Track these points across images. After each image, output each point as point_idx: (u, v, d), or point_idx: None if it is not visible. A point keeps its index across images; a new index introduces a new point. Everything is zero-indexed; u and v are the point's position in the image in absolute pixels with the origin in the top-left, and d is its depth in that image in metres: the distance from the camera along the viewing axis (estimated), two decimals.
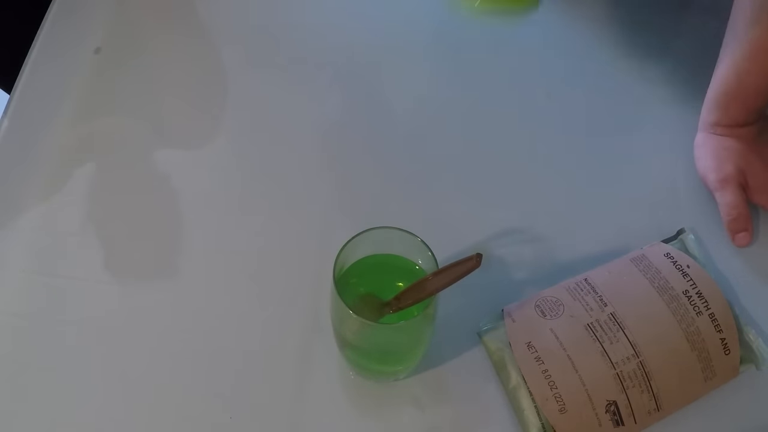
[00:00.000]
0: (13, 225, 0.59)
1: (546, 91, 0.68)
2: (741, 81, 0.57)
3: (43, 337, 0.53)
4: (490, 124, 0.65)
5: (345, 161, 0.63)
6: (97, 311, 0.54)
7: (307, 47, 0.70)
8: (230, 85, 0.68)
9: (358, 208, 0.60)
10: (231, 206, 0.60)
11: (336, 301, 0.43)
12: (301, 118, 0.65)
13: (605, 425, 0.46)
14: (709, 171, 0.59)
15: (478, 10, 0.71)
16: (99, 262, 0.56)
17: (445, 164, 0.63)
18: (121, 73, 0.68)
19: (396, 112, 0.66)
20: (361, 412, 0.50)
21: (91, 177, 0.62)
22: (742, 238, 0.57)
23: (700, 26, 0.72)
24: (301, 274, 0.56)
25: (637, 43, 0.71)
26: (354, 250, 0.45)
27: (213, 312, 0.54)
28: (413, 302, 0.44)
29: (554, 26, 0.73)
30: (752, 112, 0.59)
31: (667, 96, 0.67)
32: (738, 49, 0.57)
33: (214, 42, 0.72)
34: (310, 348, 0.52)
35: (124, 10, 0.73)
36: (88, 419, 0.49)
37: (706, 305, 0.49)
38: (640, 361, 0.47)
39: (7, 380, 0.51)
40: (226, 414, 0.49)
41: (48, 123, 0.64)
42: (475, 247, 0.57)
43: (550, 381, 0.46)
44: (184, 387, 0.51)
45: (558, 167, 0.63)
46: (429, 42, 0.72)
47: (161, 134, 0.65)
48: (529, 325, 0.49)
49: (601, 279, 0.51)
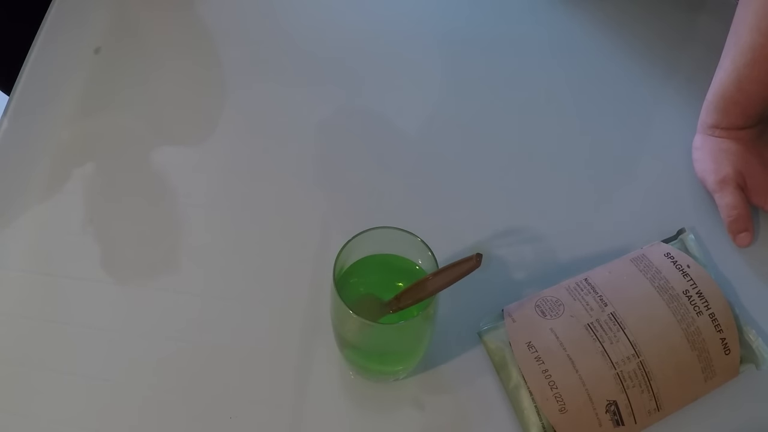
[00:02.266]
0: (13, 225, 0.59)
1: (546, 92, 0.68)
2: (741, 87, 0.57)
3: (43, 337, 0.53)
4: (490, 124, 0.65)
5: (345, 161, 0.63)
6: (97, 311, 0.54)
7: (308, 47, 0.70)
8: (230, 85, 0.68)
9: (359, 208, 0.60)
10: (231, 206, 0.60)
11: (336, 301, 0.43)
12: (301, 117, 0.65)
13: (605, 425, 0.46)
14: (708, 173, 0.59)
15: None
16: (99, 262, 0.56)
17: (445, 164, 0.63)
18: (121, 73, 0.68)
19: (396, 113, 0.66)
20: (361, 412, 0.50)
21: (91, 177, 0.62)
22: (743, 238, 0.57)
23: (701, 29, 0.72)
24: (301, 274, 0.56)
25: (637, 43, 0.71)
26: (354, 250, 0.45)
27: (213, 312, 0.54)
28: (413, 302, 0.44)
29: (554, 26, 0.73)
30: (751, 117, 0.59)
31: (668, 96, 0.67)
32: (739, 55, 0.57)
33: (214, 42, 0.72)
34: (310, 348, 0.52)
35: (124, 10, 0.73)
36: (88, 419, 0.49)
37: (706, 305, 0.49)
38: (640, 361, 0.47)
39: (8, 380, 0.51)
40: (226, 414, 0.49)
41: (48, 123, 0.64)
42: (475, 247, 0.57)
43: (550, 381, 0.46)
44: (184, 387, 0.51)
45: (558, 167, 0.62)
46: (429, 42, 0.71)
47: (161, 134, 0.65)
48: (529, 325, 0.49)
49: (601, 279, 0.51)
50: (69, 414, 0.50)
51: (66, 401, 0.50)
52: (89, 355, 0.52)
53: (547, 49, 0.71)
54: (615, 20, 0.73)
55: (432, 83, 0.69)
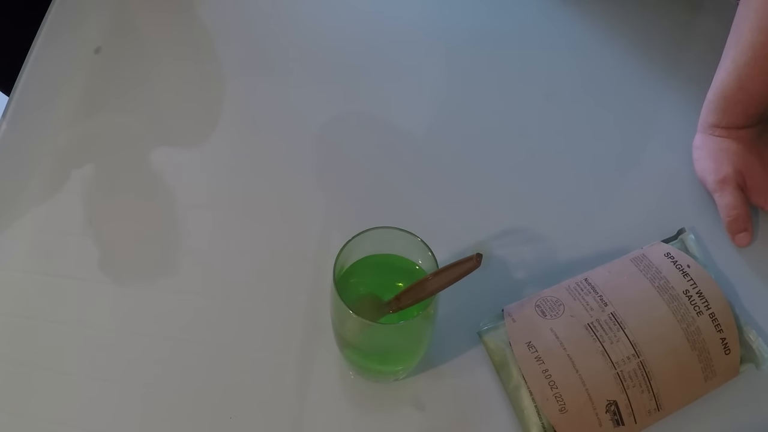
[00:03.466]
0: (13, 225, 0.59)
1: (546, 92, 0.68)
2: (742, 86, 0.57)
3: (43, 337, 0.53)
4: (489, 124, 0.65)
5: (345, 161, 0.63)
6: (97, 311, 0.54)
7: (308, 46, 0.70)
8: (231, 85, 0.68)
9: (359, 208, 0.60)
10: (231, 206, 0.60)
11: (336, 301, 0.43)
12: (302, 117, 0.65)
13: (605, 425, 0.46)
14: (708, 172, 0.59)
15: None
16: (99, 262, 0.56)
17: (444, 164, 0.63)
18: (121, 73, 0.68)
19: (396, 113, 0.66)
20: (361, 412, 0.50)
21: (91, 177, 0.62)
22: (742, 238, 0.57)
23: (701, 28, 0.72)
24: (301, 273, 0.56)
25: (638, 43, 0.71)
26: (354, 250, 0.45)
27: (213, 312, 0.54)
28: (413, 302, 0.44)
29: (554, 26, 0.73)
30: (752, 116, 0.59)
31: (668, 96, 0.67)
32: (740, 54, 0.57)
33: (214, 42, 0.72)
34: (310, 348, 0.52)
35: (124, 10, 0.73)
36: (88, 419, 0.49)
37: (706, 305, 0.49)
38: (640, 361, 0.47)
39: (8, 380, 0.51)
40: (226, 414, 0.49)
41: (48, 123, 0.64)
42: (475, 247, 0.57)
43: (550, 381, 0.46)
44: (184, 387, 0.51)
45: (558, 167, 0.62)
46: (430, 42, 0.71)
47: (161, 134, 0.65)
48: (529, 325, 0.49)
49: (601, 279, 0.51)
50: (69, 414, 0.50)
51: (66, 401, 0.50)
52: (89, 355, 0.52)
53: (547, 49, 0.71)
54: (616, 20, 0.73)
55: (432, 83, 0.69)
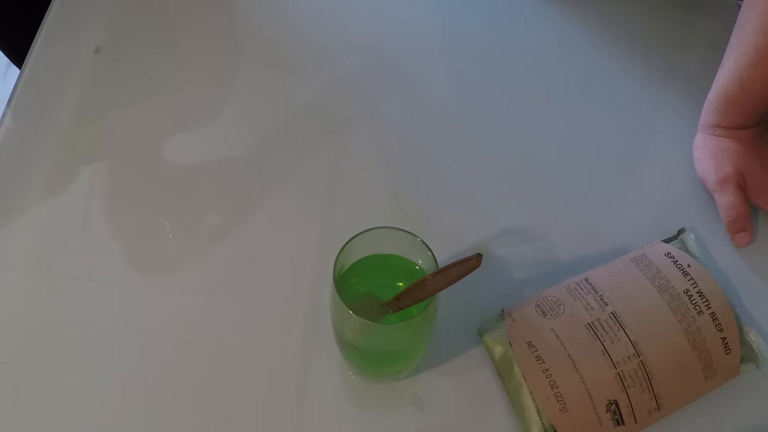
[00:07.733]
0: (13, 225, 0.59)
1: (545, 92, 0.68)
2: (744, 87, 0.57)
3: (43, 337, 0.53)
4: (489, 125, 0.65)
5: (346, 161, 0.63)
6: (98, 311, 0.54)
7: (311, 45, 0.70)
8: (231, 84, 0.68)
9: (359, 208, 0.60)
10: (231, 206, 0.60)
11: (336, 301, 0.43)
12: (302, 117, 0.65)
13: (606, 424, 0.46)
14: (708, 172, 0.59)
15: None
16: (99, 262, 0.56)
17: (445, 164, 0.63)
18: (121, 73, 0.68)
19: (396, 113, 0.66)
20: (361, 412, 0.50)
21: (91, 177, 0.62)
22: (741, 238, 0.57)
23: (702, 28, 0.72)
24: (301, 274, 0.56)
25: (638, 44, 0.71)
26: (354, 250, 0.45)
27: (213, 312, 0.54)
28: (413, 302, 0.44)
29: (554, 27, 0.73)
30: (753, 117, 0.59)
31: (668, 96, 0.67)
32: (743, 55, 0.57)
33: (215, 41, 0.72)
34: (311, 348, 0.52)
35: (124, 10, 0.73)
36: (88, 419, 0.49)
37: (707, 304, 0.49)
38: (640, 361, 0.47)
39: (8, 380, 0.51)
40: (226, 414, 0.49)
41: (48, 123, 0.64)
42: (475, 247, 0.57)
43: (550, 380, 0.46)
44: (184, 387, 0.51)
45: (558, 167, 0.62)
46: (430, 42, 0.72)
47: (161, 134, 0.65)
48: (529, 325, 0.49)
49: (601, 278, 0.51)
50: (69, 414, 0.50)
51: (66, 401, 0.50)
52: (89, 355, 0.52)
53: (547, 49, 0.71)
54: (616, 21, 0.73)
55: (433, 83, 0.69)
